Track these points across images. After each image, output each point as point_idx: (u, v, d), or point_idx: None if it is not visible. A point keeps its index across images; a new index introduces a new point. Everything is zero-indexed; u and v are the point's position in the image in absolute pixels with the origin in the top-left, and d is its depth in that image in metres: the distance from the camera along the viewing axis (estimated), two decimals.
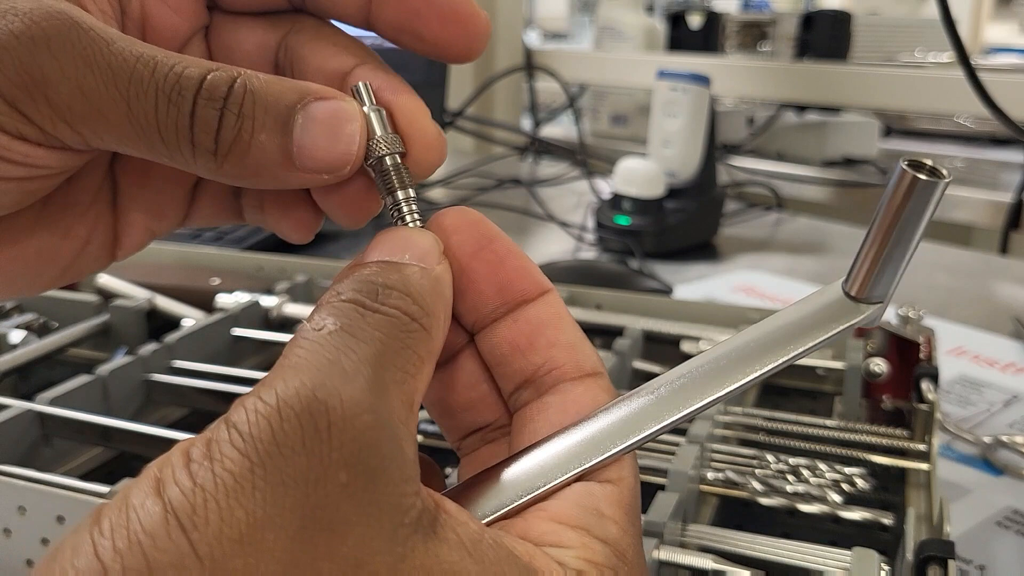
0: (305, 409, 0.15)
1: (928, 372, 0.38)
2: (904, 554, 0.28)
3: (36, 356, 0.43)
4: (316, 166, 0.20)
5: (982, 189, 1.05)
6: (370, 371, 0.17)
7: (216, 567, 0.14)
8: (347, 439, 0.15)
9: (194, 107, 0.19)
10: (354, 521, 0.15)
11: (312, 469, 0.15)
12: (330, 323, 0.18)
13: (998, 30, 2.42)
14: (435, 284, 0.20)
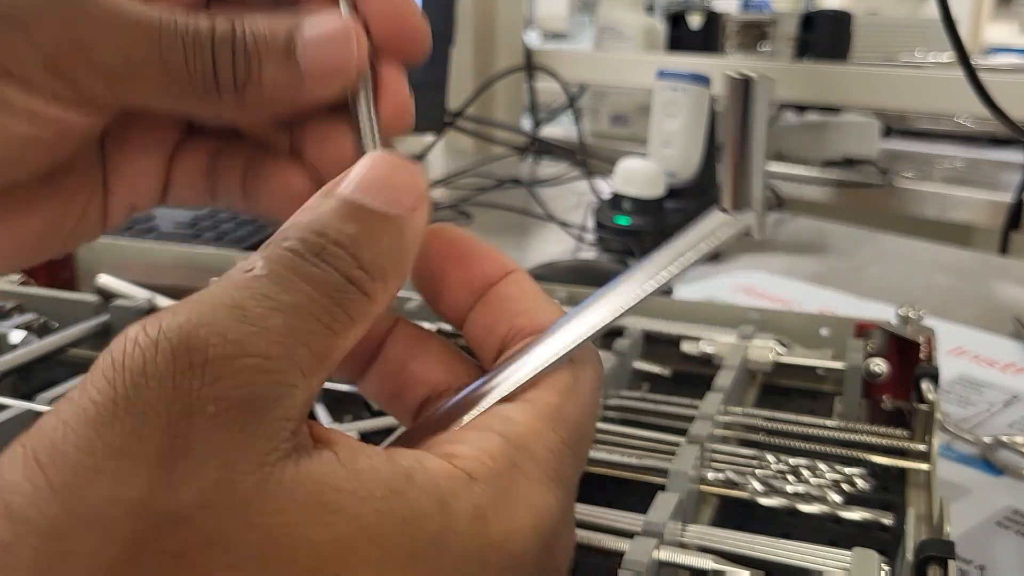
0: (183, 343, 0.15)
1: (928, 372, 0.38)
2: (904, 554, 0.28)
3: (36, 356, 0.43)
4: (321, 69, 0.22)
5: (982, 189, 1.05)
6: (279, 320, 0.17)
7: (71, 497, 0.14)
8: (222, 375, 0.15)
9: (213, 51, 0.21)
10: (219, 446, 0.15)
11: (178, 400, 0.15)
12: (259, 267, 0.17)
13: (998, 30, 2.42)
14: (396, 240, 0.19)
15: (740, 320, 0.46)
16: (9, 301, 0.49)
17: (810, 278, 0.76)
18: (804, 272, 0.78)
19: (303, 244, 0.18)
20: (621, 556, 0.26)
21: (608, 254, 0.81)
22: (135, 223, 0.74)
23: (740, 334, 0.44)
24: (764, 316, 0.47)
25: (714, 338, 0.44)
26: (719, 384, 0.38)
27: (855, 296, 0.70)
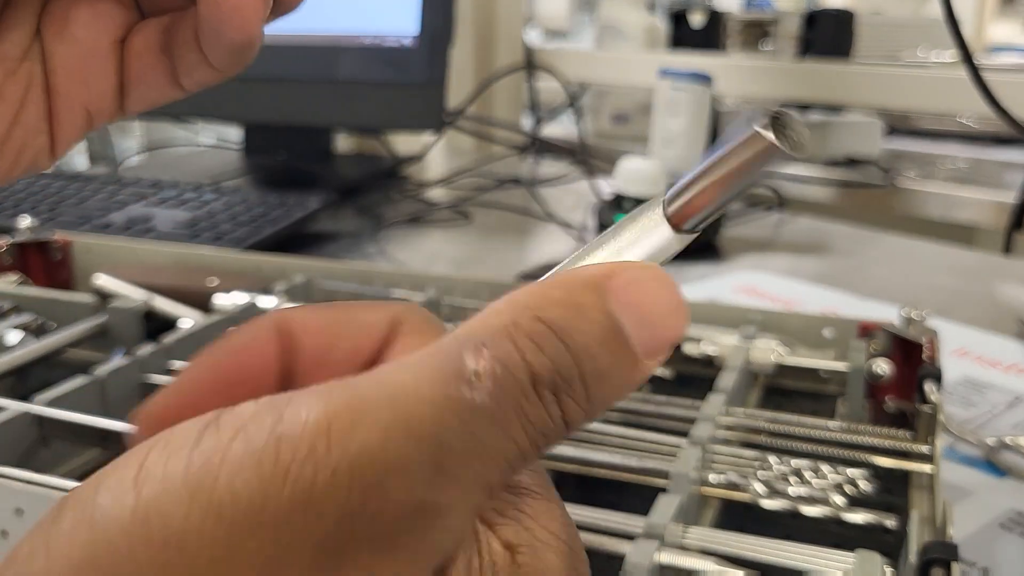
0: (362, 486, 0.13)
1: (931, 373, 0.38)
2: (907, 556, 0.27)
3: (33, 357, 0.43)
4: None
5: (985, 189, 1.05)
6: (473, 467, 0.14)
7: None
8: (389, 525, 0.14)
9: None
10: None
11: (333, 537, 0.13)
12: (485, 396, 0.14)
13: (1002, 29, 2.42)
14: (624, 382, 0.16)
15: (742, 321, 0.46)
16: (6, 302, 0.49)
17: (813, 278, 0.75)
18: (807, 272, 0.77)
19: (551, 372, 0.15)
20: (622, 559, 0.26)
21: None
22: (133, 222, 0.74)
23: (742, 335, 0.44)
24: (766, 317, 0.46)
25: (716, 339, 0.44)
26: (721, 385, 0.38)
27: (858, 297, 0.70)
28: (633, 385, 0.16)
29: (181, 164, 1.09)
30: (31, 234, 0.56)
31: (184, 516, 0.12)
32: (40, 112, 0.23)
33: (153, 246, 0.57)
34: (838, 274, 0.77)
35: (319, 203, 0.81)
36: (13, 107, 0.22)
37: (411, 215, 0.91)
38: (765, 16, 1.31)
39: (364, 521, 0.13)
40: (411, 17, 0.93)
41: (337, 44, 0.94)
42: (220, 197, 0.82)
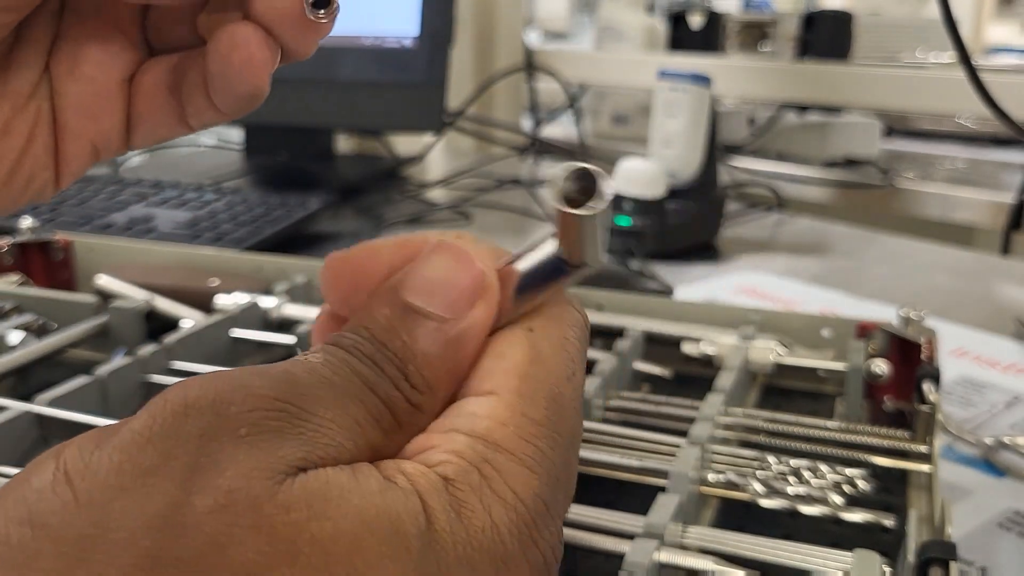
0: (230, 383, 0.16)
1: (930, 373, 0.38)
2: (906, 556, 0.27)
3: (35, 357, 0.43)
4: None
5: (983, 190, 1.05)
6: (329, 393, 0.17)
7: (95, 511, 0.14)
8: (258, 407, 0.16)
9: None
10: (241, 461, 0.15)
11: (212, 425, 0.16)
12: (318, 357, 0.18)
13: (1000, 30, 2.42)
14: (447, 348, 0.19)
15: (741, 321, 0.46)
16: (8, 302, 0.49)
17: (811, 279, 0.75)
18: (805, 273, 0.77)
19: (358, 350, 0.18)
20: (622, 558, 0.26)
21: (609, 255, 0.81)
22: (134, 223, 0.74)
23: (741, 335, 0.44)
24: (765, 317, 0.46)
25: (715, 339, 0.44)
26: (720, 385, 0.38)
27: (856, 297, 0.70)
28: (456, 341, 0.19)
29: (182, 164, 1.09)
30: (32, 234, 0.56)
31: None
32: (47, 146, 0.23)
33: (154, 246, 0.57)
34: (837, 274, 0.78)
35: (320, 203, 0.81)
36: (21, 141, 0.22)
37: (411, 215, 0.92)
38: (764, 17, 1.31)
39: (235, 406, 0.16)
40: (411, 18, 0.93)
41: (338, 45, 0.94)
42: (221, 197, 0.82)
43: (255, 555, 0.15)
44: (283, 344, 0.45)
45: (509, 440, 0.18)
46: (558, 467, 0.19)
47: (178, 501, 0.15)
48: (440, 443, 0.18)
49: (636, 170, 0.80)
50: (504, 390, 0.19)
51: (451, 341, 0.19)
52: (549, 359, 0.19)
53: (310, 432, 0.16)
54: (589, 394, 0.38)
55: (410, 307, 0.19)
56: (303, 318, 0.48)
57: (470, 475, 0.17)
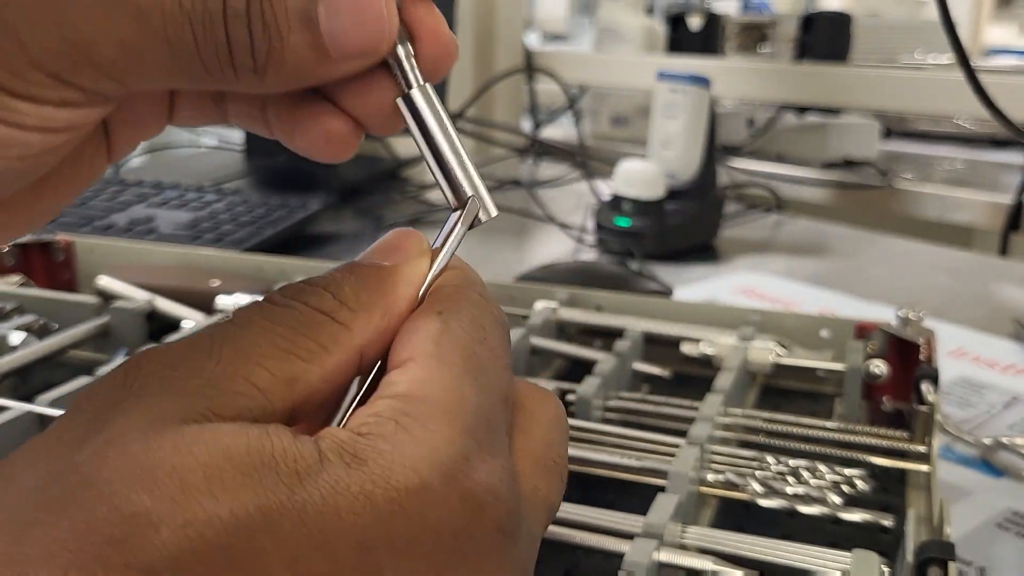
0: (134, 360, 0.18)
1: (928, 374, 0.38)
2: (904, 556, 0.28)
3: (36, 358, 0.43)
4: (350, 50, 0.19)
5: (982, 191, 1.05)
6: (228, 348, 0.18)
7: (4, 471, 0.17)
8: (147, 382, 0.18)
9: (226, 28, 0.18)
10: (120, 422, 0.17)
11: (106, 402, 0.17)
12: (228, 316, 0.19)
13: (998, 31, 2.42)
14: (383, 282, 0.20)
15: (740, 321, 0.46)
16: (9, 302, 0.49)
17: (810, 279, 0.76)
18: (804, 273, 0.78)
19: (280, 291, 0.20)
20: (621, 557, 0.26)
21: (608, 256, 0.81)
22: (135, 224, 0.74)
23: (740, 335, 0.44)
24: (764, 317, 0.47)
25: (714, 339, 0.44)
26: (719, 385, 0.38)
27: (855, 297, 0.70)
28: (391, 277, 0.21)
29: (183, 165, 1.09)
30: (33, 235, 0.56)
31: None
32: (101, 156, 0.24)
33: (155, 247, 0.57)
34: (835, 275, 0.78)
35: (320, 204, 0.82)
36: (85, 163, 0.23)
37: (411, 216, 0.92)
38: (763, 19, 1.32)
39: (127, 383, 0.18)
40: None
41: None
42: (222, 198, 0.82)
43: (117, 485, 0.16)
44: None
45: (427, 391, 0.19)
46: (486, 409, 0.19)
47: (64, 456, 0.17)
48: (362, 411, 0.19)
49: (635, 171, 0.80)
50: (419, 355, 0.19)
51: (387, 277, 0.20)
52: (458, 329, 0.20)
53: (198, 388, 0.18)
54: (589, 394, 0.38)
55: (352, 263, 0.21)
56: None
57: (384, 426, 0.18)
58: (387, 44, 0.20)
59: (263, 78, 0.19)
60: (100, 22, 0.18)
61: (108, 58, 0.18)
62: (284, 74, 0.19)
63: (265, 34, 0.19)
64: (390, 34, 0.20)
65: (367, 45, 0.20)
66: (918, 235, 0.96)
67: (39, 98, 0.18)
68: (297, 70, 0.19)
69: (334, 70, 0.20)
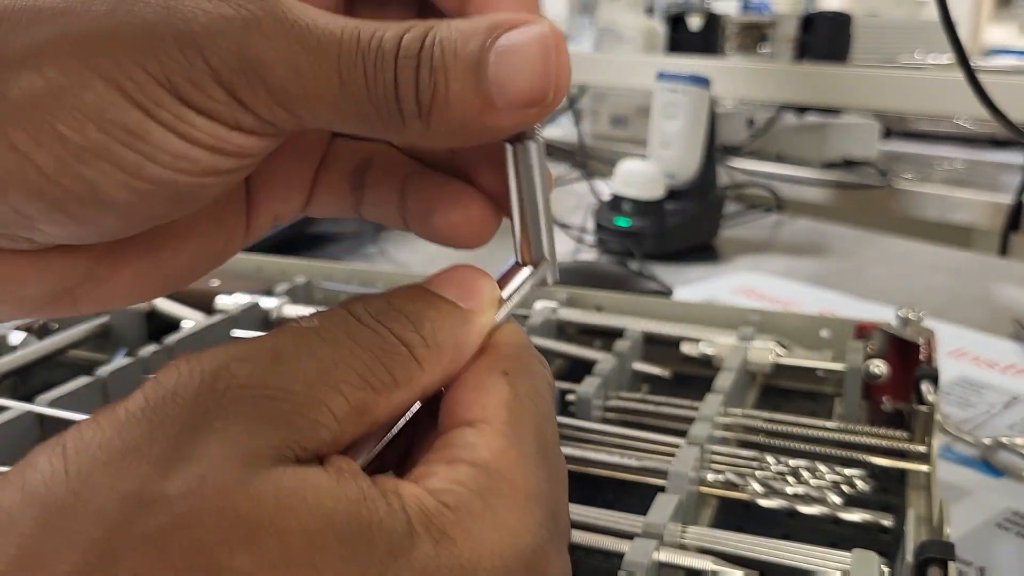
0: (212, 371, 0.17)
1: (928, 374, 0.38)
2: (904, 555, 0.28)
3: (36, 358, 0.43)
4: (516, 98, 0.18)
5: (982, 191, 1.05)
6: (312, 366, 0.18)
7: (79, 482, 0.16)
8: (237, 398, 0.17)
9: (396, 70, 0.18)
10: (214, 452, 0.16)
11: (193, 414, 0.16)
12: (314, 321, 0.19)
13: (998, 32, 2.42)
14: (460, 327, 0.20)
15: (740, 321, 0.46)
16: None
17: (810, 279, 0.76)
18: (804, 273, 0.78)
19: (364, 306, 0.19)
20: (621, 557, 0.26)
21: (608, 256, 0.81)
22: None
23: (740, 335, 0.44)
24: (764, 317, 0.47)
25: (714, 340, 0.44)
26: (719, 385, 0.38)
27: (855, 297, 0.70)
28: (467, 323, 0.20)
29: None
30: None
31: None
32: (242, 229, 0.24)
33: None
34: (835, 275, 0.78)
35: None
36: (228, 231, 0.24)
37: None
38: (763, 19, 1.32)
39: (215, 396, 0.17)
40: None
41: None
42: None
43: (216, 536, 0.15)
44: None
45: (510, 469, 0.18)
46: (556, 500, 0.19)
47: (151, 481, 0.16)
48: (440, 470, 0.18)
49: (635, 171, 0.80)
50: (495, 420, 0.19)
51: (463, 321, 0.20)
52: (526, 399, 0.20)
53: (288, 416, 0.17)
54: (589, 394, 0.38)
55: (426, 289, 0.20)
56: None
57: (472, 502, 0.18)
58: (553, 95, 0.19)
59: (427, 125, 0.18)
60: (280, 49, 0.18)
61: (282, 84, 0.18)
62: (447, 121, 0.18)
63: (431, 78, 0.18)
64: (557, 86, 0.19)
65: (533, 95, 0.18)
66: (918, 235, 0.96)
67: (214, 114, 0.18)
68: (461, 118, 0.18)
69: (498, 121, 0.19)
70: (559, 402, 0.39)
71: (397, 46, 0.18)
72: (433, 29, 0.18)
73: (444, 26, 0.18)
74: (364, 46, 0.18)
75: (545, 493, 0.19)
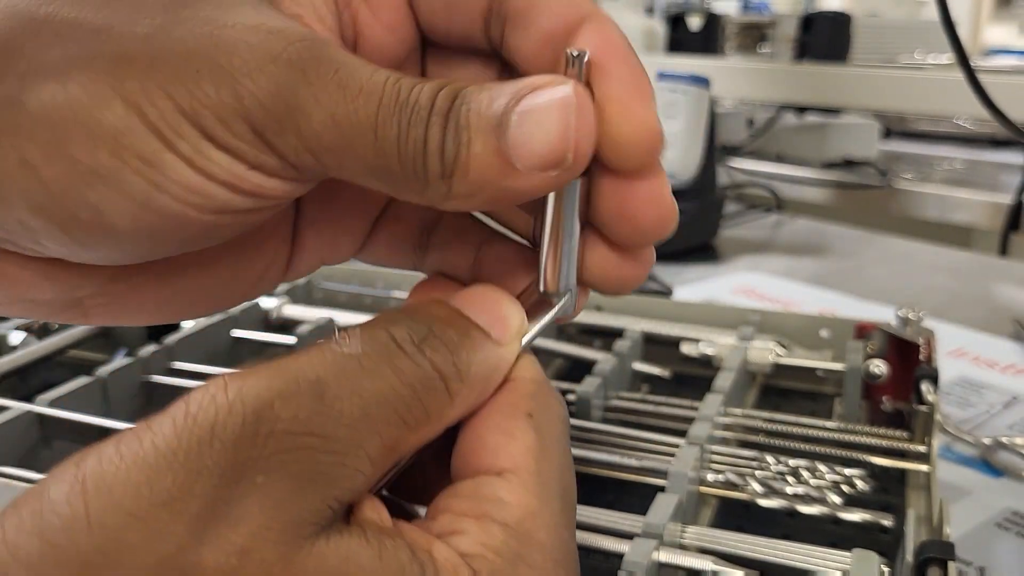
0: (255, 412, 0.16)
1: (928, 374, 0.38)
2: (904, 555, 0.28)
3: (36, 357, 0.43)
4: (536, 161, 0.18)
5: (982, 191, 1.05)
6: (356, 404, 0.17)
7: (106, 536, 0.14)
8: (282, 448, 0.16)
9: (427, 128, 0.18)
10: (254, 515, 0.15)
11: (234, 466, 0.15)
12: (355, 347, 0.18)
13: (998, 32, 2.42)
14: (490, 359, 0.19)
15: (740, 321, 0.46)
16: None
17: (810, 279, 0.76)
18: (804, 273, 0.78)
19: (408, 332, 0.18)
20: (621, 557, 0.26)
21: None
22: None
23: (740, 335, 0.44)
24: (764, 317, 0.47)
25: (714, 339, 0.44)
26: (719, 385, 0.38)
27: (855, 297, 0.70)
28: (495, 356, 0.20)
29: None
30: None
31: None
32: (280, 268, 0.23)
33: None
34: (835, 275, 0.78)
35: None
36: (261, 269, 0.23)
37: None
38: (762, 19, 1.31)
39: (257, 443, 0.15)
40: None
41: None
42: None
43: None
44: (284, 344, 0.45)
45: (540, 533, 0.18)
46: (575, 557, 0.20)
47: (188, 548, 0.15)
48: (471, 529, 0.18)
49: None
50: (524, 471, 0.19)
51: (492, 353, 0.20)
52: (552, 446, 0.20)
53: (332, 468, 0.16)
54: (589, 394, 0.38)
55: (460, 312, 0.20)
56: (304, 318, 0.48)
57: (504, 570, 0.18)
58: (573, 158, 0.18)
59: (449, 188, 0.18)
60: (322, 98, 0.17)
61: (316, 132, 0.17)
62: (469, 182, 0.18)
63: (456, 137, 0.18)
64: (577, 149, 0.18)
65: (552, 158, 0.18)
66: (918, 235, 0.96)
67: (236, 152, 0.17)
68: (481, 180, 0.18)
69: (518, 184, 0.18)
70: None
71: (432, 103, 0.18)
72: (465, 88, 0.18)
73: (476, 87, 0.18)
74: (403, 100, 0.18)
75: (571, 554, 0.19)
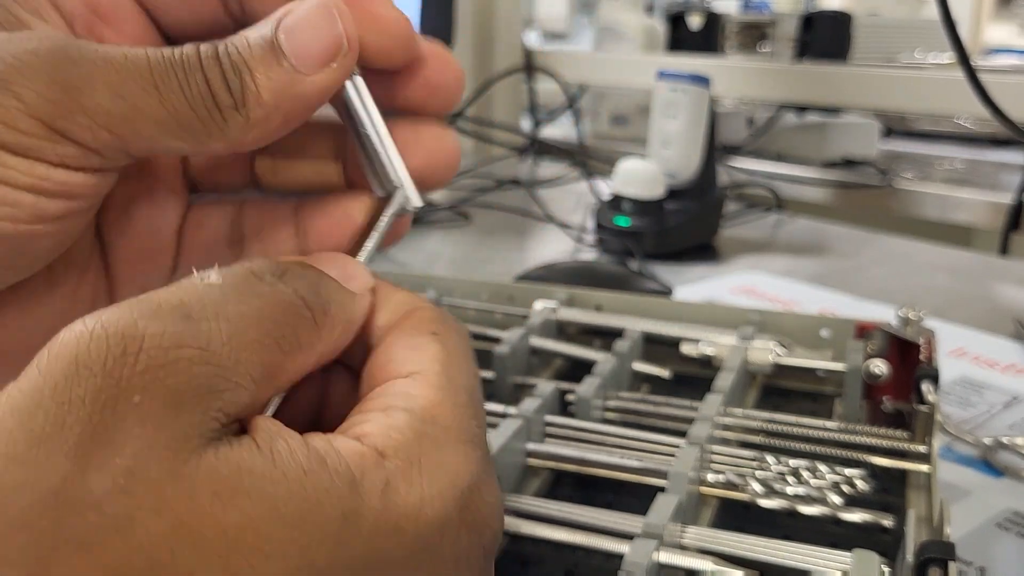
0: (119, 332, 0.15)
1: (928, 373, 0.38)
2: (904, 556, 0.28)
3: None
4: (319, 59, 0.20)
5: (982, 190, 1.05)
6: (224, 325, 0.17)
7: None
8: (155, 363, 0.15)
9: (204, 72, 0.19)
10: (136, 435, 0.15)
11: (105, 389, 0.15)
12: (214, 276, 0.18)
13: (998, 31, 2.42)
14: (347, 303, 0.20)
15: (740, 321, 0.46)
16: None
17: (810, 279, 0.76)
18: (804, 273, 0.78)
19: (267, 265, 0.19)
20: (621, 558, 0.26)
21: (608, 255, 0.81)
22: None
23: (740, 335, 0.44)
24: (764, 317, 0.46)
25: (714, 339, 0.44)
26: (719, 386, 0.38)
27: (855, 297, 0.70)
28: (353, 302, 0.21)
29: None
30: None
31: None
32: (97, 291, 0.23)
33: None
34: (835, 275, 0.78)
35: None
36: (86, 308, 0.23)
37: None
38: (763, 18, 1.31)
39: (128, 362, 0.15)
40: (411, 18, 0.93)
41: None
42: None
43: (158, 540, 0.15)
44: None
45: (446, 416, 0.19)
46: (484, 445, 0.20)
47: (72, 478, 0.14)
48: (376, 419, 0.18)
49: (635, 171, 0.80)
50: (430, 373, 0.20)
51: (352, 302, 0.20)
52: (458, 355, 0.21)
53: (210, 380, 0.16)
54: (589, 394, 0.38)
55: (319, 269, 0.20)
56: None
57: (409, 449, 0.18)
58: (348, 45, 0.21)
59: (247, 118, 0.20)
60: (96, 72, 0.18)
61: (100, 104, 0.18)
62: (264, 106, 0.20)
63: (236, 70, 0.19)
64: (349, 36, 0.21)
65: (330, 50, 0.20)
66: (918, 235, 0.96)
67: (33, 151, 0.18)
68: (275, 99, 0.20)
69: (309, 87, 0.20)
70: (559, 402, 0.39)
71: (197, 55, 0.20)
72: (224, 41, 0.20)
73: (233, 36, 0.20)
74: (170, 58, 0.19)
75: (478, 436, 0.20)
